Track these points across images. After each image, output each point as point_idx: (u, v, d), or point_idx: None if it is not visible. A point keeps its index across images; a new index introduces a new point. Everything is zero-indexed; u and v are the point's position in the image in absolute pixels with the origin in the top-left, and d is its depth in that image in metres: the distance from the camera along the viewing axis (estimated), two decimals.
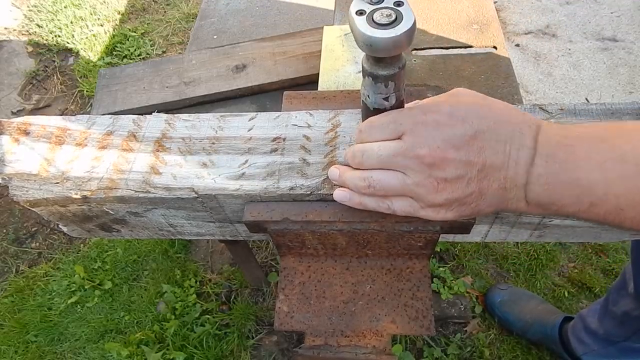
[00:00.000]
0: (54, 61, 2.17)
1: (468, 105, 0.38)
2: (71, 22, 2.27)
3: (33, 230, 1.65)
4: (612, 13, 1.97)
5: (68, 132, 0.57)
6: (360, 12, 0.36)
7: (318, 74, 0.79)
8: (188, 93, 1.02)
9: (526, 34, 1.96)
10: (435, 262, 1.34)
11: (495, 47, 0.89)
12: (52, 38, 2.22)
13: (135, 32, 2.21)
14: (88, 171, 0.53)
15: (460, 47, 0.90)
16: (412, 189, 0.40)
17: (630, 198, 0.33)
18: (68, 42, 2.20)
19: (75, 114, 0.92)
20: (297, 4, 1.32)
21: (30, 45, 2.23)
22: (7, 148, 0.56)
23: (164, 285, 1.36)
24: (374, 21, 0.35)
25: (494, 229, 0.55)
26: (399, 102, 0.41)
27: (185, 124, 0.57)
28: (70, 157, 0.55)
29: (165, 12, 2.34)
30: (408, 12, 0.35)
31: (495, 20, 0.94)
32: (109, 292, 1.41)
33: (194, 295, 1.34)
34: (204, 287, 1.37)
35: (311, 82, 0.99)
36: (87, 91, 2.00)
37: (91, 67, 2.07)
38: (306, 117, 0.56)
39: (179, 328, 1.27)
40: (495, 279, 1.33)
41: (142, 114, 0.59)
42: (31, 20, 2.30)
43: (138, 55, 2.11)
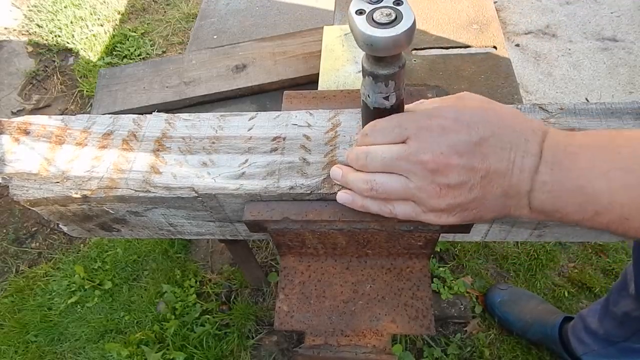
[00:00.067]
0: (54, 61, 2.17)
1: (473, 111, 0.38)
2: (71, 22, 2.27)
3: (33, 230, 1.65)
4: (612, 13, 1.97)
5: (68, 131, 0.57)
6: (360, 12, 0.36)
7: (318, 74, 0.79)
8: (188, 93, 1.02)
9: (526, 34, 1.96)
10: (435, 262, 1.34)
11: (495, 47, 0.89)
12: (52, 38, 2.22)
13: (135, 32, 2.21)
14: (88, 170, 0.53)
15: (460, 47, 0.90)
16: (415, 194, 0.40)
17: (634, 207, 0.33)
18: (68, 42, 2.20)
19: (75, 114, 0.92)
20: (297, 4, 1.32)
21: (30, 45, 2.23)
22: (7, 148, 0.56)
23: (164, 285, 1.36)
24: (374, 20, 0.35)
25: (494, 228, 0.55)
26: (399, 101, 0.41)
27: (185, 124, 0.57)
28: (71, 156, 0.55)
29: (165, 12, 2.34)
30: (408, 11, 0.35)
31: (495, 20, 0.94)
32: (109, 292, 1.41)
33: (194, 295, 1.34)
34: (204, 287, 1.37)
35: (311, 82, 1.00)
36: (87, 91, 2.00)
37: (91, 67, 2.07)
38: (306, 116, 0.56)
39: (179, 328, 1.27)
40: (495, 279, 1.33)
41: (142, 114, 0.59)
42: (31, 20, 2.30)
43: (138, 55, 2.11)
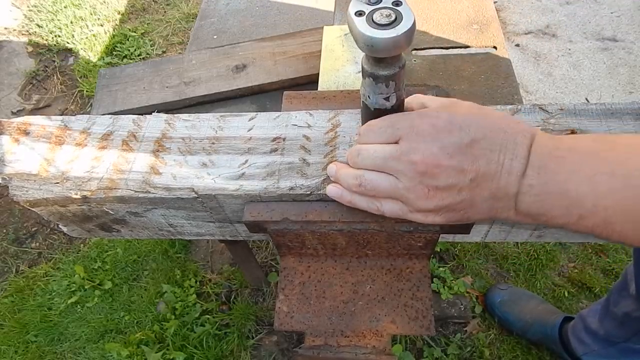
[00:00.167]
0: (54, 61, 2.16)
1: (465, 114, 0.38)
2: (71, 22, 2.27)
3: (33, 230, 1.65)
4: (612, 13, 1.97)
5: (68, 132, 0.57)
6: (359, 13, 0.36)
7: (318, 74, 0.79)
8: (188, 93, 1.02)
9: (526, 34, 1.96)
10: (435, 262, 1.34)
11: (495, 47, 0.89)
12: (52, 38, 2.22)
13: (135, 32, 2.21)
14: (88, 171, 0.53)
15: (460, 47, 0.90)
16: (403, 194, 0.40)
17: (619, 211, 0.33)
18: (68, 42, 2.20)
19: (75, 114, 0.92)
20: (297, 4, 1.32)
21: (30, 45, 2.23)
22: (7, 148, 0.56)
23: (164, 285, 1.36)
24: (374, 21, 0.35)
25: (494, 229, 0.55)
26: (400, 102, 0.41)
27: (185, 124, 0.57)
28: (70, 157, 0.55)
29: (165, 12, 2.34)
30: (407, 12, 0.35)
31: (495, 20, 0.94)
32: (109, 292, 1.41)
33: (194, 295, 1.34)
34: (204, 287, 1.37)
35: (311, 82, 0.99)
36: (87, 91, 2.00)
37: (91, 67, 2.07)
38: (306, 117, 0.56)
39: (179, 328, 1.27)
40: (495, 279, 1.33)
41: (142, 114, 0.59)
42: (31, 20, 2.30)
43: (138, 55, 2.11)
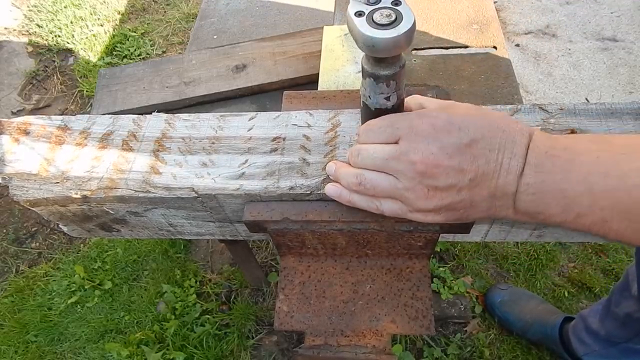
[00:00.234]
0: (54, 61, 2.16)
1: (464, 115, 0.38)
2: (71, 22, 2.27)
3: (33, 230, 1.65)
4: (612, 13, 1.97)
5: (68, 132, 0.57)
6: (359, 14, 0.36)
7: (318, 74, 0.79)
8: (188, 93, 1.02)
9: (526, 34, 1.96)
10: (435, 262, 1.34)
11: (495, 47, 0.89)
12: (52, 38, 2.22)
13: (135, 32, 2.21)
14: (88, 171, 0.53)
15: (460, 47, 0.90)
16: (402, 194, 0.40)
17: (614, 211, 0.34)
18: (68, 42, 2.20)
19: (75, 114, 0.92)
20: (297, 4, 1.32)
21: (30, 45, 2.23)
22: (7, 148, 0.56)
23: (164, 285, 1.36)
24: (374, 22, 0.35)
25: (494, 228, 0.55)
26: (400, 101, 0.42)
27: (185, 124, 0.57)
28: (70, 156, 0.55)
29: (165, 12, 2.34)
30: (407, 11, 0.35)
31: (495, 20, 0.94)
32: (109, 292, 1.41)
33: (194, 295, 1.34)
34: (204, 287, 1.37)
35: (311, 82, 0.99)
36: (87, 91, 2.00)
37: (91, 67, 2.07)
38: (306, 116, 0.56)
39: (179, 328, 1.27)
40: (495, 279, 1.33)
41: (142, 114, 0.59)
42: (31, 20, 2.30)
43: (138, 55, 2.11)
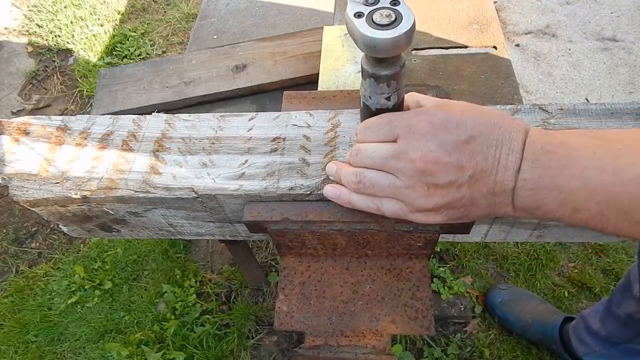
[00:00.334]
0: (54, 61, 2.16)
1: (461, 112, 0.39)
2: (71, 22, 2.27)
3: (33, 230, 1.65)
4: (612, 13, 1.97)
5: (68, 132, 0.57)
6: (358, 15, 0.36)
7: (318, 74, 0.79)
8: (188, 93, 1.02)
9: (526, 34, 1.96)
10: (435, 262, 1.34)
11: (495, 47, 0.89)
12: (52, 38, 2.22)
13: (135, 32, 2.21)
14: (88, 171, 0.53)
15: (460, 47, 0.90)
16: (402, 192, 0.40)
17: (611, 206, 0.34)
18: (68, 42, 2.20)
19: (75, 114, 0.92)
20: (297, 4, 1.32)
21: (30, 45, 2.23)
22: (7, 148, 0.56)
23: (164, 285, 1.36)
24: (374, 22, 0.35)
25: (494, 228, 0.55)
26: (400, 101, 0.42)
27: (185, 124, 0.57)
28: (70, 157, 0.55)
29: (165, 12, 2.34)
30: (406, 11, 0.35)
31: (495, 20, 0.94)
32: (109, 292, 1.41)
33: (194, 295, 1.34)
34: (204, 287, 1.37)
35: (311, 82, 0.99)
36: (87, 91, 2.00)
37: (91, 67, 2.06)
38: (306, 117, 0.56)
39: (179, 328, 1.27)
40: (495, 279, 1.33)
41: (142, 114, 0.59)
42: (31, 20, 2.30)
43: (138, 55, 2.11)
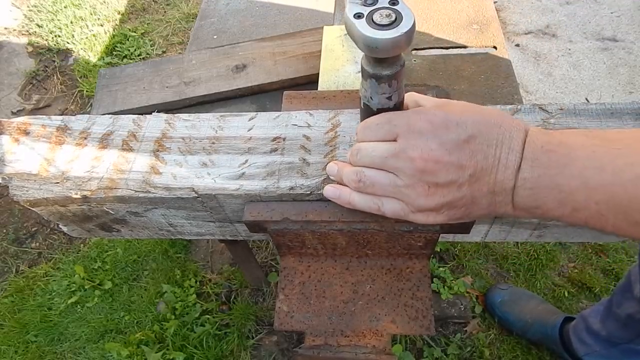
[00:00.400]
0: (54, 61, 2.16)
1: (461, 112, 0.39)
2: (71, 22, 2.27)
3: (33, 230, 1.65)
4: (612, 13, 1.97)
5: (68, 132, 0.57)
6: (358, 16, 0.36)
7: (318, 74, 0.79)
8: (188, 93, 1.02)
9: (526, 34, 1.96)
10: (435, 262, 1.34)
11: (495, 47, 0.89)
12: (52, 38, 2.22)
13: (135, 32, 2.21)
14: (88, 171, 0.53)
15: (460, 47, 0.90)
16: (402, 191, 0.40)
17: (610, 205, 0.34)
18: (68, 42, 2.20)
19: (75, 114, 0.92)
20: (297, 4, 1.32)
21: (30, 45, 2.23)
22: (7, 148, 0.56)
23: (164, 285, 1.36)
24: (375, 22, 0.35)
25: (494, 228, 0.55)
26: (401, 100, 0.42)
27: (185, 124, 0.57)
28: (70, 157, 0.55)
29: (165, 12, 2.34)
30: (406, 10, 0.35)
31: (495, 20, 0.94)
32: (109, 292, 1.41)
33: (194, 295, 1.34)
34: (204, 287, 1.37)
35: (311, 82, 0.99)
36: (87, 91, 2.00)
37: (91, 67, 2.07)
38: (306, 117, 0.56)
39: (179, 328, 1.27)
40: (495, 279, 1.33)
41: (142, 114, 0.59)
42: (31, 20, 2.30)
43: (138, 55, 2.11)
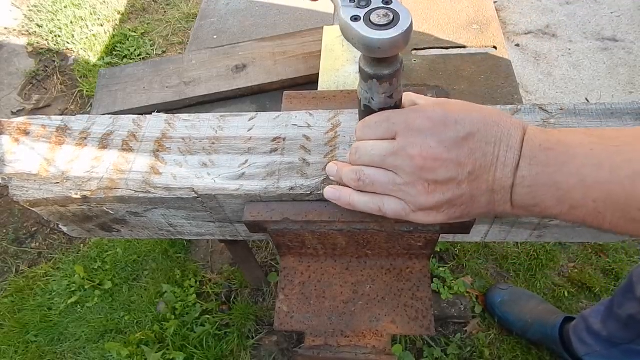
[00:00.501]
0: (54, 61, 2.16)
1: (459, 110, 0.39)
2: (71, 22, 2.27)
3: (33, 230, 1.65)
4: (612, 13, 1.97)
5: (68, 132, 0.57)
6: (355, 18, 0.36)
7: (318, 74, 0.79)
8: (188, 93, 1.02)
9: (526, 34, 1.96)
10: (435, 262, 1.34)
11: (495, 47, 0.89)
12: (52, 38, 2.22)
13: (135, 32, 2.21)
14: (88, 171, 0.53)
15: (460, 47, 0.90)
16: (402, 189, 0.40)
17: (608, 202, 0.34)
18: (68, 42, 2.20)
19: (75, 114, 0.92)
20: (297, 5, 1.32)
21: (30, 45, 2.23)
22: (7, 148, 0.56)
23: (164, 285, 1.36)
24: (373, 23, 0.35)
25: (494, 229, 0.55)
26: (400, 97, 0.42)
27: (185, 124, 0.57)
28: (70, 157, 0.55)
29: (165, 12, 2.34)
30: (401, 8, 0.35)
31: (495, 20, 0.94)
32: (109, 292, 1.41)
33: (194, 295, 1.34)
34: (204, 287, 1.37)
35: (311, 82, 0.99)
36: (87, 91, 2.00)
37: (91, 67, 2.07)
38: (306, 117, 0.56)
39: (179, 328, 1.27)
40: (495, 279, 1.33)
41: (142, 114, 0.59)
42: (31, 20, 2.30)
43: (138, 55, 2.11)
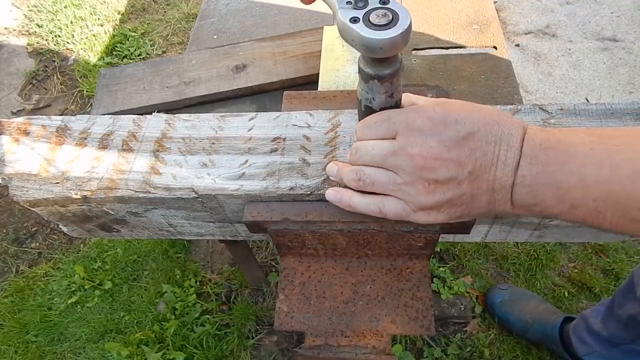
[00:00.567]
0: (54, 61, 2.16)
1: (459, 109, 0.39)
2: (71, 22, 2.27)
3: (33, 230, 1.65)
4: (612, 13, 1.97)
5: (68, 132, 0.57)
6: (354, 20, 0.35)
7: (318, 74, 0.79)
8: (188, 93, 1.02)
9: (526, 34, 1.96)
10: (435, 262, 1.34)
11: (495, 47, 0.89)
12: (52, 38, 2.22)
13: (135, 32, 2.21)
14: (88, 171, 0.53)
15: (460, 47, 0.90)
16: (402, 189, 0.40)
17: (608, 202, 0.34)
18: (68, 42, 2.20)
19: (75, 114, 0.92)
20: (297, 5, 1.32)
21: (30, 45, 2.23)
22: (7, 148, 0.56)
23: (164, 285, 1.36)
24: (373, 24, 0.35)
25: (494, 229, 0.55)
26: (400, 96, 0.42)
27: (185, 124, 0.57)
28: (70, 157, 0.55)
29: (165, 12, 2.34)
30: (398, 7, 0.35)
31: (495, 20, 0.94)
32: (109, 292, 1.41)
33: (194, 295, 1.34)
34: (204, 287, 1.37)
35: (311, 82, 0.99)
36: (87, 91, 2.00)
37: (91, 67, 2.07)
38: (306, 117, 0.56)
39: (179, 328, 1.27)
40: (495, 279, 1.33)
41: (142, 114, 0.59)
42: (31, 20, 2.30)
43: (138, 55, 2.11)
